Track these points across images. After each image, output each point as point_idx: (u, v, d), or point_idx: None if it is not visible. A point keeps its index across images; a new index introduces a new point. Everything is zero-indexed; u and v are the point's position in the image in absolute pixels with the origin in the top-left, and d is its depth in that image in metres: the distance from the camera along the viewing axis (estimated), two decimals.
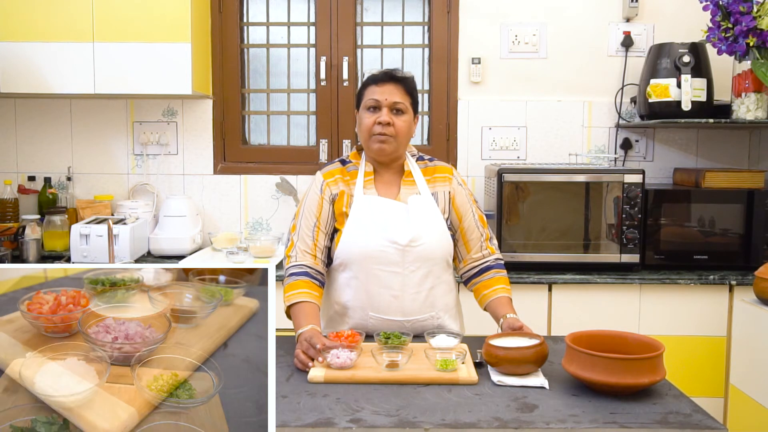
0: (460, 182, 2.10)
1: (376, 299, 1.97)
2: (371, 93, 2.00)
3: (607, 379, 1.53)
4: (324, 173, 2.07)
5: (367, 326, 1.99)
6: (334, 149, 3.41)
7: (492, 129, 3.36)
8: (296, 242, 2.03)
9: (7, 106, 3.38)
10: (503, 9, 3.32)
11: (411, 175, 2.05)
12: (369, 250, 1.96)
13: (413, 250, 1.96)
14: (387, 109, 1.97)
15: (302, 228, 2.04)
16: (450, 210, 2.06)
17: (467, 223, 2.08)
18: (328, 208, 2.03)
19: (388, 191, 2.04)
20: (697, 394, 2.44)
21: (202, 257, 3.11)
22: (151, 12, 2.96)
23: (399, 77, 2.01)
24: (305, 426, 1.40)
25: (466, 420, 1.43)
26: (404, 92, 2.00)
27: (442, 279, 2.03)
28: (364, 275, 1.97)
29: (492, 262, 2.09)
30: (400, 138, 1.99)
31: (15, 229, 3.11)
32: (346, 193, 2.02)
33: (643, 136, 3.35)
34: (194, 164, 3.41)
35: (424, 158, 2.12)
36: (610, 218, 2.86)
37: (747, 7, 2.73)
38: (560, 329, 2.76)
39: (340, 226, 2.01)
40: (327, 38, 3.39)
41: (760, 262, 2.78)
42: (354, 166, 2.08)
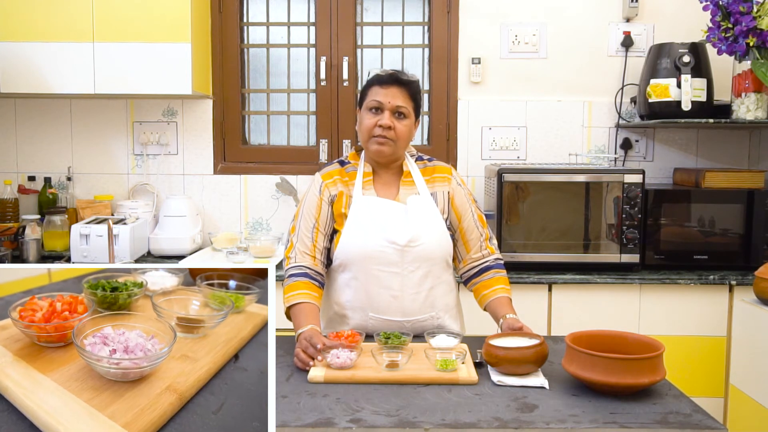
0: (459, 182, 2.10)
1: (375, 300, 1.97)
2: (374, 94, 1.99)
3: (607, 379, 1.53)
4: (323, 174, 2.07)
5: (367, 327, 1.98)
6: (334, 149, 3.41)
7: (492, 129, 3.36)
8: (296, 243, 2.03)
9: (7, 106, 3.38)
10: (503, 9, 3.32)
11: (410, 175, 2.05)
12: (368, 250, 1.96)
13: (412, 251, 1.96)
14: (389, 112, 1.96)
15: (301, 229, 2.04)
16: (449, 210, 2.06)
17: (466, 223, 2.07)
18: (327, 210, 2.03)
19: (387, 192, 2.03)
20: (697, 394, 2.44)
21: (202, 257, 3.11)
22: (151, 12, 2.96)
23: (404, 81, 2.00)
24: (305, 426, 1.40)
25: (466, 420, 1.43)
26: (408, 96, 1.99)
27: (442, 279, 2.03)
28: (363, 276, 1.97)
29: (492, 262, 2.09)
30: (400, 142, 1.99)
31: (15, 229, 3.11)
32: (344, 194, 2.02)
33: (643, 136, 3.35)
34: (194, 164, 3.41)
35: (423, 158, 2.12)
36: (610, 218, 2.86)
37: (747, 7, 2.73)
38: (560, 329, 2.76)
39: (340, 227, 2.01)
40: (327, 38, 3.39)
41: (760, 262, 2.78)
42: (353, 167, 2.07)
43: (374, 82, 2.01)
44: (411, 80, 2.02)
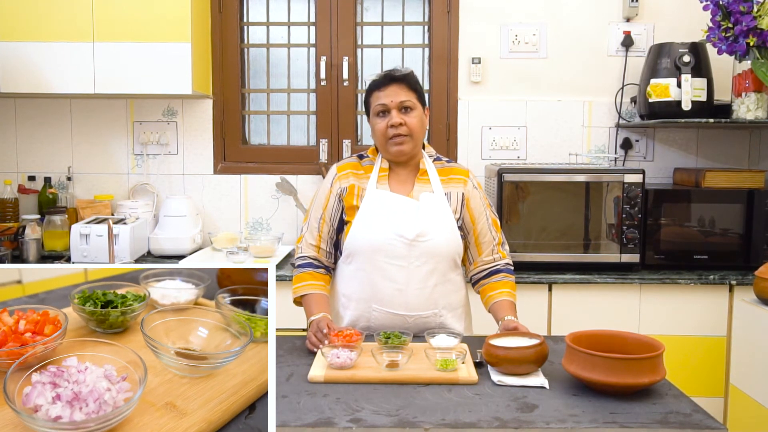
0: (475, 185, 2.11)
1: (380, 291, 1.99)
2: (377, 98, 2.02)
3: (607, 379, 1.53)
4: (338, 166, 2.11)
5: (370, 319, 2.01)
6: (334, 149, 3.41)
7: (492, 129, 3.35)
8: (305, 234, 2.12)
9: (7, 106, 3.38)
10: (503, 9, 3.32)
11: (426, 173, 2.07)
12: (376, 242, 1.98)
13: (420, 245, 1.97)
14: (395, 110, 1.99)
15: (311, 220, 2.11)
16: (463, 211, 2.07)
17: (480, 227, 2.09)
18: (335, 202, 2.07)
19: (402, 188, 2.05)
20: (697, 394, 2.43)
21: (202, 257, 3.11)
22: (151, 12, 2.96)
23: (399, 76, 2.02)
24: (305, 426, 1.40)
25: (466, 420, 1.43)
26: (408, 89, 2.02)
27: (448, 277, 2.04)
28: (369, 267, 1.99)
29: (502, 266, 2.11)
30: (415, 134, 2.02)
31: (15, 229, 3.11)
32: (356, 187, 2.05)
33: (643, 136, 3.35)
34: (194, 164, 3.41)
35: (442, 159, 2.15)
36: (610, 218, 2.86)
37: (747, 6, 2.72)
38: (560, 329, 2.76)
39: (351, 219, 2.03)
40: (327, 38, 3.39)
41: (760, 262, 2.78)
42: (370, 161, 2.11)
43: (373, 88, 2.05)
44: (405, 73, 2.04)
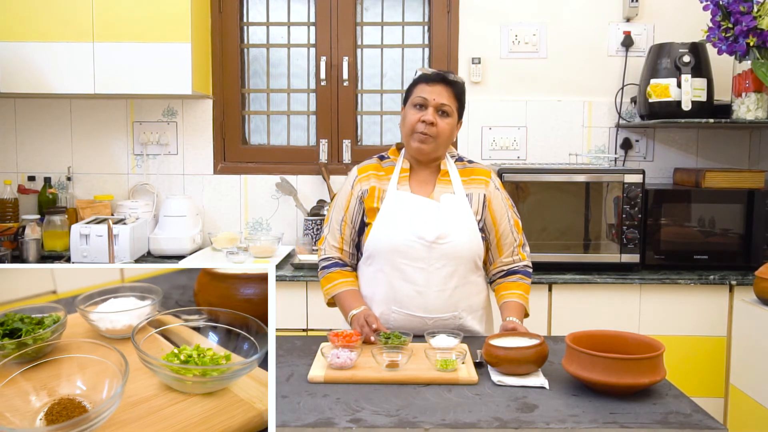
0: (497, 186, 2.10)
1: (399, 293, 1.99)
2: (420, 91, 2.01)
3: (607, 379, 1.53)
4: (359, 168, 2.12)
5: (389, 321, 2.01)
6: (334, 149, 3.41)
7: (492, 129, 3.35)
8: (326, 236, 2.12)
9: (7, 106, 3.38)
10: (503, 9, 3.32)
11: (447, 174, 2.06)
12: (396, 243, 1.97)
13: (440, 247, 1.96)
14: (433, 109, 1.99)
15: (332, 221, 2.12)
16: (484, 213, 2.05)
17: (502, 228, 2.08)
18: (356, 204, 2.07)
19: (423, 189, 2.05)
20: (697, 394, 2.43)
21: (202, 257, 3.11)
22: (151, 12, 2.96)
23: (450, 80, 2.02)
24: (305, 426, 1.40)
25: (466, 420, 1.43)
26: (452, 95, 2.02)
27: (469, 279, 2.03)
28: (389, 269, 1.99)
29: (520, 268, 2.10)
30: (441, 140, 2.01)
31: (15, 229, 3.11)
32: (377, 188, 2.05)
33: (643, 136, 3.35)
34: (194, 164, 3.41)
35: (464, 159, 2.14)
36: (610, 218, 2.86)
37: (747, 6, 2.72)
38: (560, 329, 2.76)
39: (371, 220, 2.03)
40: (327, 38, 3.39)
41: (760, 262, 2.78)
42: (391, 162, 2.10)
43: (420, 80, 2.04)
44: (457, 81, 2.04)
